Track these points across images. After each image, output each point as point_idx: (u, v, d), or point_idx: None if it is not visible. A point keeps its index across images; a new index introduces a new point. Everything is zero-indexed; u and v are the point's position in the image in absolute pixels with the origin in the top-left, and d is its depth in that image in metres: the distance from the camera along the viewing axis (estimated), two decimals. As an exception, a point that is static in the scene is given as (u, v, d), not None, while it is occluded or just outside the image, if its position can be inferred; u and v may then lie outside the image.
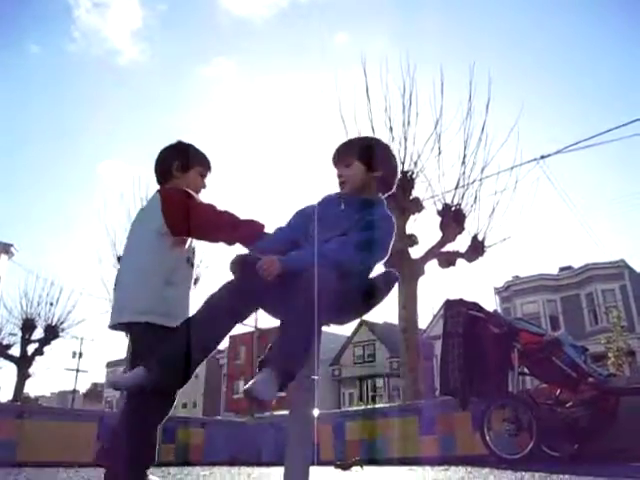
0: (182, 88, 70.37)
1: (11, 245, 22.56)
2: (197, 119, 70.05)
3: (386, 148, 2.51)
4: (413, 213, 9.50)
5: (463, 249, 9.58)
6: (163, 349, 1.97)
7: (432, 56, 13.50)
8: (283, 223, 2.31)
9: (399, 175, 2.56)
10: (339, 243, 2.12)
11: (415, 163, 9.63)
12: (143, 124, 73.44)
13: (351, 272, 2.07)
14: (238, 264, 2.04)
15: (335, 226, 2.21)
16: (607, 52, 51.78)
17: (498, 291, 27.04)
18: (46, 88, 64.11)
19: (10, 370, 18.25)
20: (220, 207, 2.34)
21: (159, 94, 71.13)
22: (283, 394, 1.93)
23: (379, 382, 33.11)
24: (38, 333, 17.85)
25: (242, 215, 2.33)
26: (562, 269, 27.22)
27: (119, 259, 13.57)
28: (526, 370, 4.62)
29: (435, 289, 60.36)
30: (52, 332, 17.91)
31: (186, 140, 2.60)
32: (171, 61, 67.26)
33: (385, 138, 9.72)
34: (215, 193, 2.90)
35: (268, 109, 68.24)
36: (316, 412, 2.32)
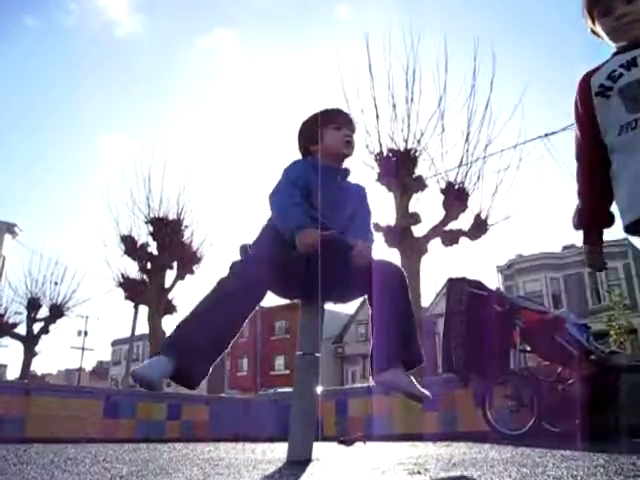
0: (181, 60, 69.55)
1: (15, 225, 22.65)
2: (197, 92, 69.39)
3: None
4: (416, 191, 9.46)
5: (466, 227, 9.55)
6: None
7: (436, 31, 13.34)
8: None
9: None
10: None
11: (418, 141, 9.55)
12: (143, 98, 72.92)
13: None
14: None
15: None
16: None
17: (501, 269, 27.07)
18: (43, 63, 63.46)
19: (17, 348, 18.46)
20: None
21: (158, 67, 70.39)
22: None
23: (382, 360, 33.38)
24: (43, 312, 18.00)
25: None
26: (565, 247, 27.18)
27: (122, 238, 13.64)
28: (528, 348, 4.65)
29: (438, 267, 60.39)
30: (57, 311, 18.05)
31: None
32: (170, 32, 66.32)
33: (388, 115, 9.66)
34: (216, 168, 2.90)
35: (268, 82, 67.52)
36: (319, 389, 2.35)
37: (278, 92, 68.54)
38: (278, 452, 2.52)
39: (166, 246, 13.45)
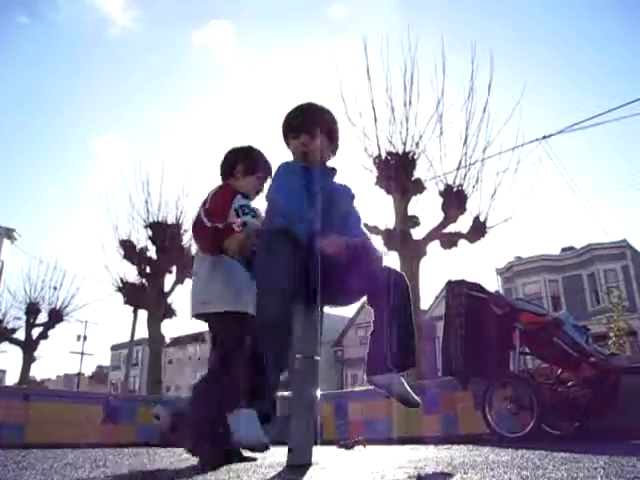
0: (178, 56, 69.43)
1: (14, 230, 22.62)
2: (194, 88, 69.31)
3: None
4: (415, 194, 9.47)
5: (465, 230, 9.56)
6: None
7: (433, 34, 13.37)
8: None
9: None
10: None
11: (417, 144, 9.57)
12: (140, 97, 72.89)
13: None
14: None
15: None
16: (612, 33, 51.14)
17: (500, 272, 27.08)
18: (39, 62, 63.24)
19: (16, 354, 18.41)
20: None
21: (155, 64, 70.26)
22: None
23: (382, 363, 33.32)
24: (42, 317, 17.97)
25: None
26: (564, 249, 27.23)
27: (121, 243, 13.62)
28: (527, 350, 4.65)
29: (437, 270, 60.38)
30: (56, 316, 18.02)
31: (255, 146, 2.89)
32: (166, 28, 65.92)
33: (386, 118, 9.68)
34: (215, 169, 2.92)
35: (266, 81, 67.50)
36: (318, 392, 2.35)
37: (276, 92, 68.60)
38: (278, 456, 2.52)
39: (165, 250, 13.44)
